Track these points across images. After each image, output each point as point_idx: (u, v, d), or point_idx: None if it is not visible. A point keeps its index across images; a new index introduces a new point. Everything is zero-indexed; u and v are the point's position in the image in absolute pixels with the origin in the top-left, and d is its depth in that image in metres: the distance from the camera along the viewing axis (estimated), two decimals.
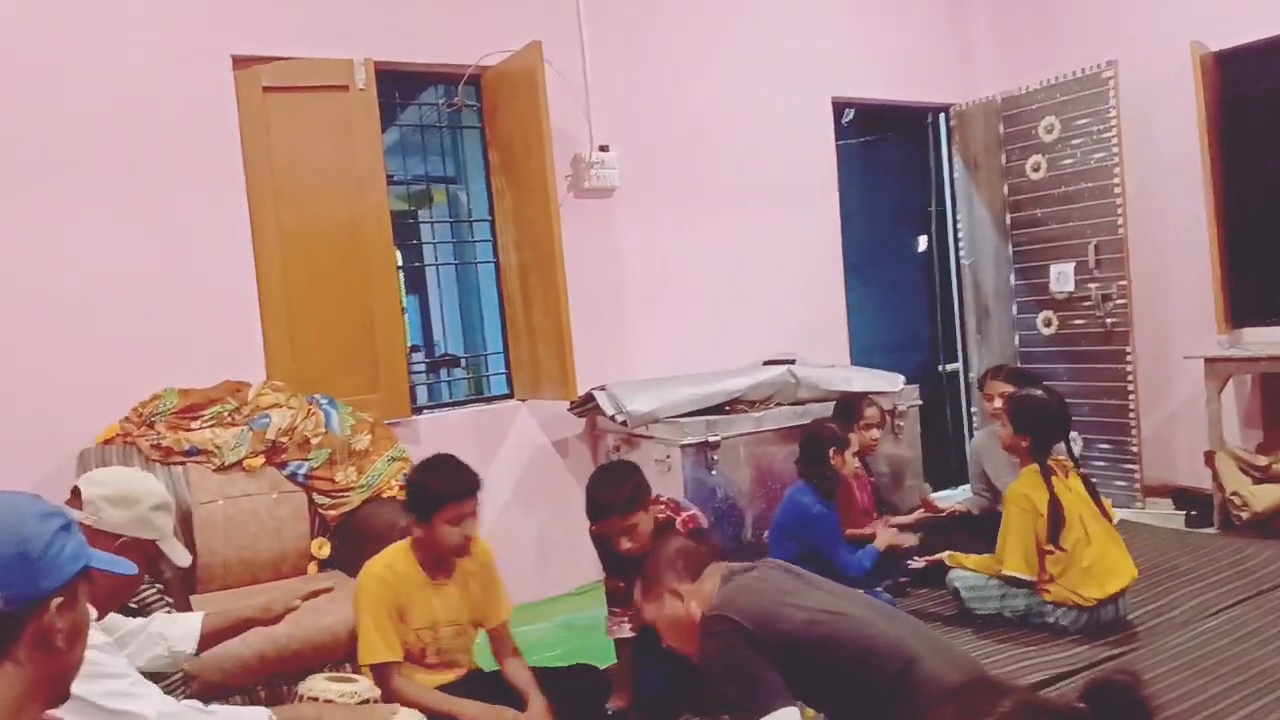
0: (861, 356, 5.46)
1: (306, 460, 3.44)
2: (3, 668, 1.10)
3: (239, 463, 3.35)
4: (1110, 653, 3.18)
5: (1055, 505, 3.34)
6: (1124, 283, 5.06)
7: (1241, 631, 3.25)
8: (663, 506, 3.02)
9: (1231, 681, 2.88)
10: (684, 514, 3.05)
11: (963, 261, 5.94)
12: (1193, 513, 4.75)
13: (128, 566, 1.41)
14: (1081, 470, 3.58)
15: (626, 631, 3.02)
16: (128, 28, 3.53)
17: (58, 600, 1.14)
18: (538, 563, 4.30)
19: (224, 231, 3.71)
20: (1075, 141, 5.20)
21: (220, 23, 3.69)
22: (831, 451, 3.64)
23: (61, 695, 1.21)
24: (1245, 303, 5.01)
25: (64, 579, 1.16)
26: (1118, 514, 4.08)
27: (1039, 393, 3.61)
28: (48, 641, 1.13)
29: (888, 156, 6.51)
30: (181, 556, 2.06)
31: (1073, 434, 5.01)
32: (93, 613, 1.39)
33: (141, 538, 1.95)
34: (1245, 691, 2.79)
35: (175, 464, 3.29)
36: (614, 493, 2.81)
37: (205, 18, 3.66)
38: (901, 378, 4.65)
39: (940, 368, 6.14)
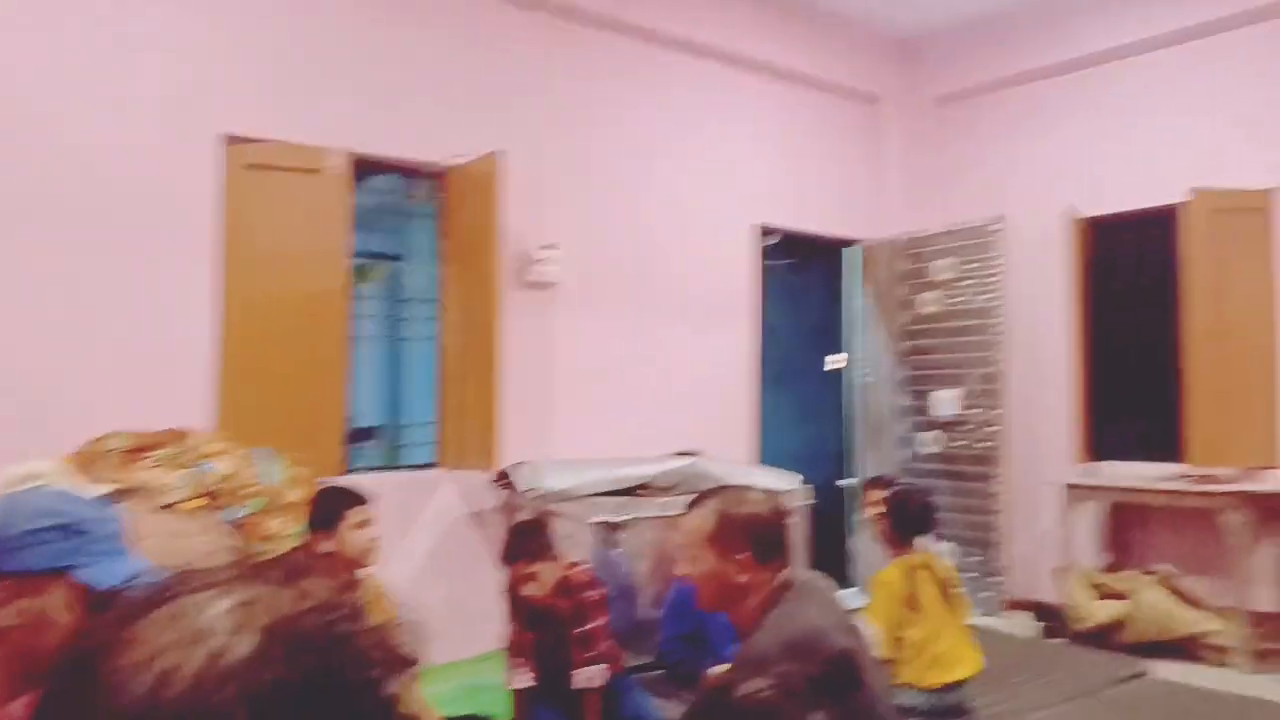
0: (774, 464, 5.88)
1: (242, 507, 3.72)
2: None
3: (178, 504, 3.62)
4: None
5: (912, 592, 3.79)
6: (999, 412, 5.66)
7: None
8: (576, 569, 3.38)
9: None
10: (598, 589, 3.42)
11: (862, 381, 6.51)
12: (1047, 624, 5.26)
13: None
14: (942, 568, 4.04)
15: (527, 680, 3.36)
16: (132, 95, 3.91)
17: (8, 581, 1.27)
18: (445, 626, 4.56)
19: (195, 292, 4.04)
20: (966, 283, 5.86)
21: (216, 102, 4.10)
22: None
23: (33, 683, 1.27)
24: (1104, 439, 5.65)
25: (23, 567, 1.28)
26: (982, 622, 4.55)
27: (903, 485, 4.13)
28: None
29: (809, 279, 7.12)
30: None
31: (948, 544, 5.53)
32: None
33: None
34: None
35: (118, 500, 3.54)
36: (524, 540, 3.24)
37: (204, 96, 4.07)
38: (799, 477, 5.11)
39: (838, 482, 6.63)
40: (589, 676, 3.35)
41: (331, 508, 2.98)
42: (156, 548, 3.55)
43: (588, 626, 3.36)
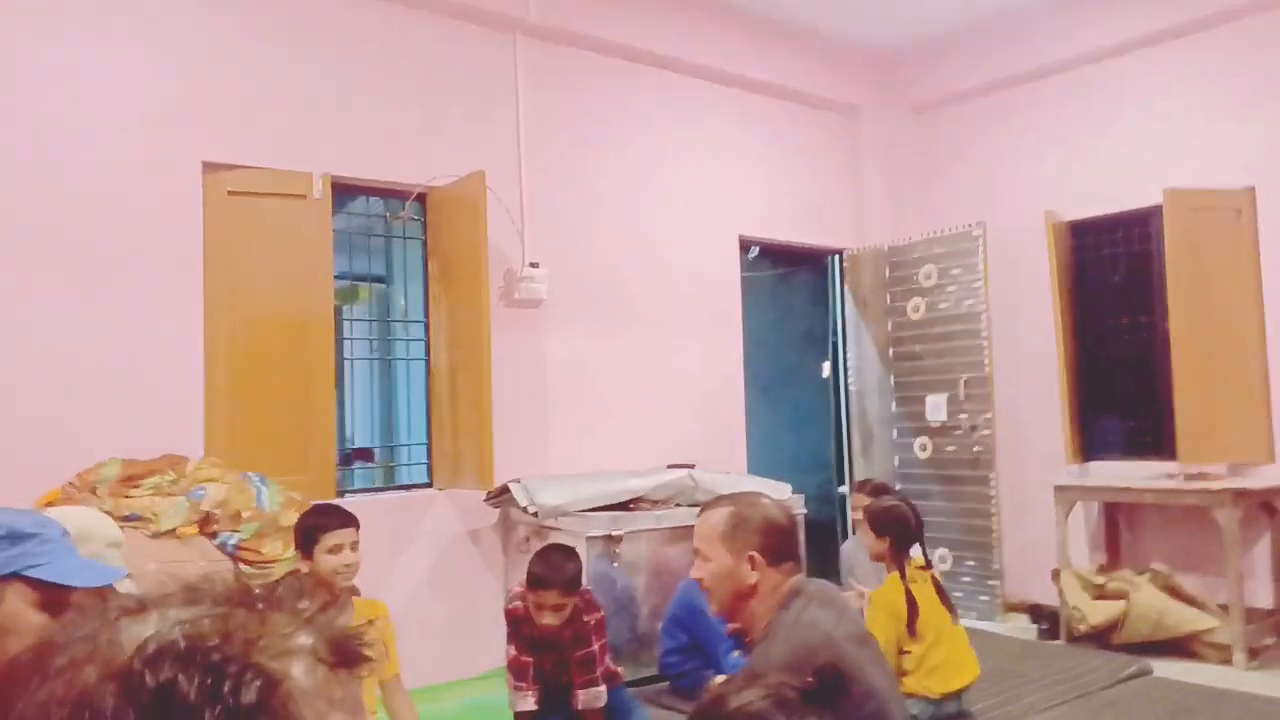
0: (767, 473, 5.91)
1: (237, 532, 3.70)
2: None
3: (173, 530, 3.60)
4: None
5: (913, 605, 3.79)
6: (989, 415, 5.69)
7: None
8: (580, 597, 3.37)
9: None
10: (597, 613, 3.43)
11: (850, 388, 6.54)
12: (1044, 626, 5.28)
13: (89, 579, 1.42)
14: (935, 576, 4.06)
15: (530, 704, 3.34)
16: (113, 122, 3.92)
17: None
18: (445, 646, 4.55)
19: (179, 319, 4.04)
20: (950, 289, 5.91)
21: (196, 130, 4.11)
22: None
23: None
24: (1092, 439, 5.69)
25: None
26: (980, 625, 4.56)
27: (893, 500, 4.12)
28: None
29: (796, 289, 7.18)
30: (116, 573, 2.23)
31: (941, 550, 5.55)
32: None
33: None
34: None
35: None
36: (560, 570, 3.22)
37: (183, 124, 4.08)
38: (788, 486, 5.12)
39: (837, 489, 6.65)
40: (591, 698, 3.36)
41: (308, 530, 2.95)
42: (152, 576, 3.53)
43: (589, 649, 3.37)
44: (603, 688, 3.38)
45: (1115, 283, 5.74)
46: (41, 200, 3.76)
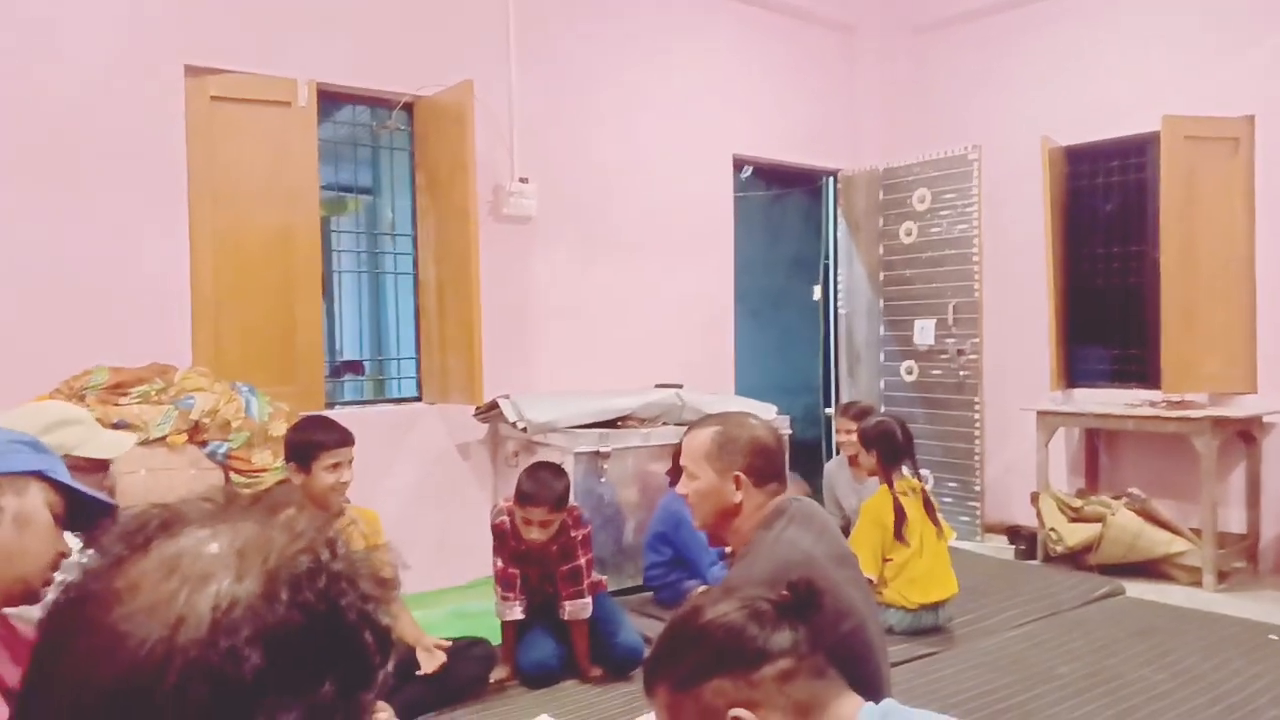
0: (755, 395, 5.94)
1: (226, 441, 3.71)
2: None
3: (162, 438, 3.61)
4: (927, 650, 3.71)
5: (900, 512, 3.88)
6: (976, 340, 5.72)
7: (1035, 641, 3.84)
8: (568, 514, 3.43)
9: (1020, 676, 3.45)
10: (584, 528, 3.51)
11: (840, 311, 6.55)
12: (1021, 547, 5.39)
13: (100, 498, 1.50)
14: (925, 492, 4.13)
15: (517, 613, 3.44)
16: (89, 27, 3.80)
17: None
18: (434, 556, 4.62)
19: (163, 227, 3.98)
20: (943, 213, 5.88)
21: (176, 33, 3.99)
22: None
23: (17, 582, 1.37)
24: (1077, 366, 5.74)
25: (6, 468, 1.36)
26: (959, 545, 4.66)
27: (883, 418, 4.20)
28: None
29: (788, 211, 7.12)
30: (105, 448, 2.22)
31: (924, 471, 5.63)
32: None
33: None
34: (1034, 688, 3.36)
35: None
36: (549, 488, 3.27)
37: (163, 26, 3.96)
38: (774, 408, 5.15)
39: (823, 411, 6.71)
40: (577, 609, 3.44)
41: (307, 445, 2.97)
42: (141, 482, 3.55)
43: (575, 564, 3.44)
44: (589, 599, 3.46)
45: (1108, 211, 5.72)
46: (22, 107, 3.67)
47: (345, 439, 3.03)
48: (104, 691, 0.50)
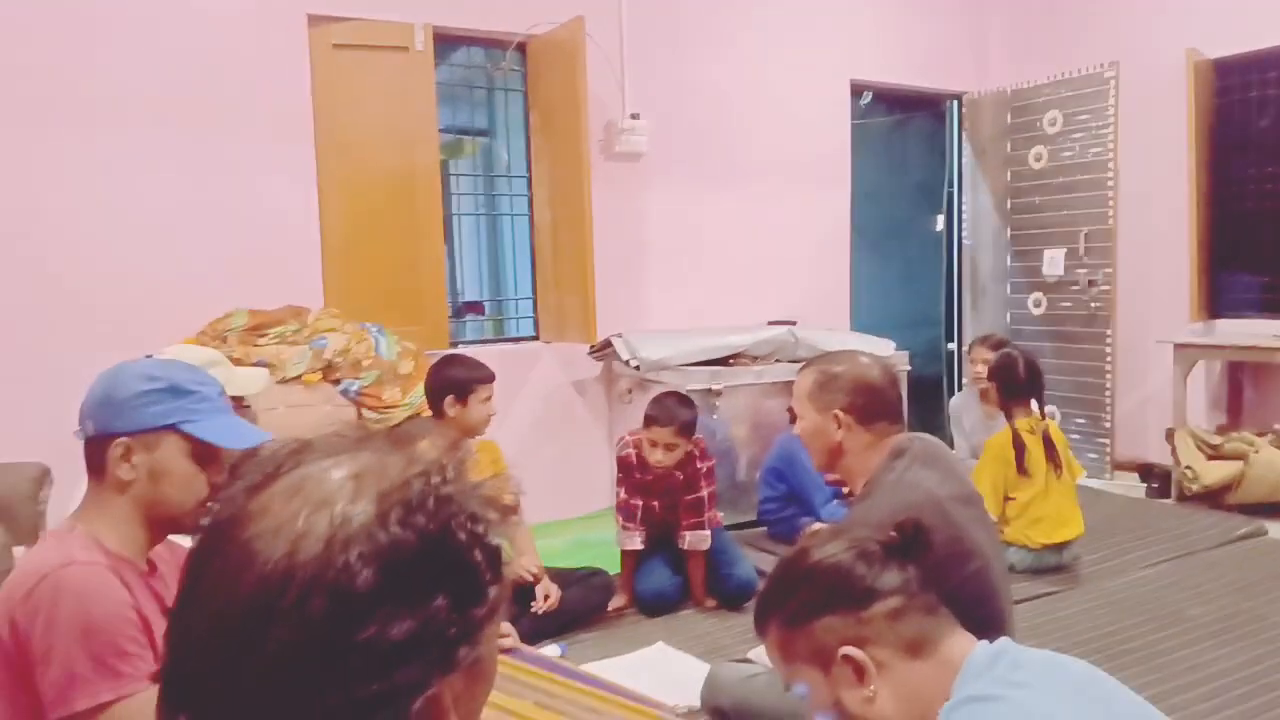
0: (874, 329, 5.81)
1: (358, 379, 3.90)
2: (106, 488, 1.44)
3: (299, 377, 3.82)
4: (1049, 589, 3.64)
5: (1020, 447, 3.79)
6: (1109, 270, 5.44)
7: (1166, 581, 3.71)
8: (694, 444, 3.53)
9: (1148, 617, 3.35)
10: (709, 460, 3.60)
11: (964, 242, 6.32)
12: (1153, 485, 5.17)
13: (235, 439, 1.48)
14: (1048, 431, 4.00)
15: (637, 543, 3.55)
16: None
17: (124, 439, 1.42)
18: (554, 488, 4.76)
19: (292, 174, 4.15)
20: (1075, 135, 5.56)
21: None
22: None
23: (168, 522, 1.47)
24: (1220, 296, 5.40)
25: (136, 426, 1.42)
26: (1087, 483, 4.52)
27: (1013, 352, 4.08)
28: (114, 473, 1.41)
29: (910, 138, 6.88)
30: (243, 385, 2.31)
31: (1050, 406, 5.47)
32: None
33: None
34: (1164, 629, 3.26)
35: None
36: (675, 413, 3.41)
37: None
38: (892, 344, 5.04)
39: (945, 345, 6.54)
40: (697, 540, 3.52)
41: (463, 382, 3.20)
42: (280, 418, 3.78)
43: (698, 494, 3.52)
44: (708, 532, 3.53)
45: (1260, 128, 5.29)
46: (152, 61, 3.86)
47: (492, 375, 3.30)
48: (238, 603, 0.55)
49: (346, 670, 0.54)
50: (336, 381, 3.89)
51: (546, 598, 3.25)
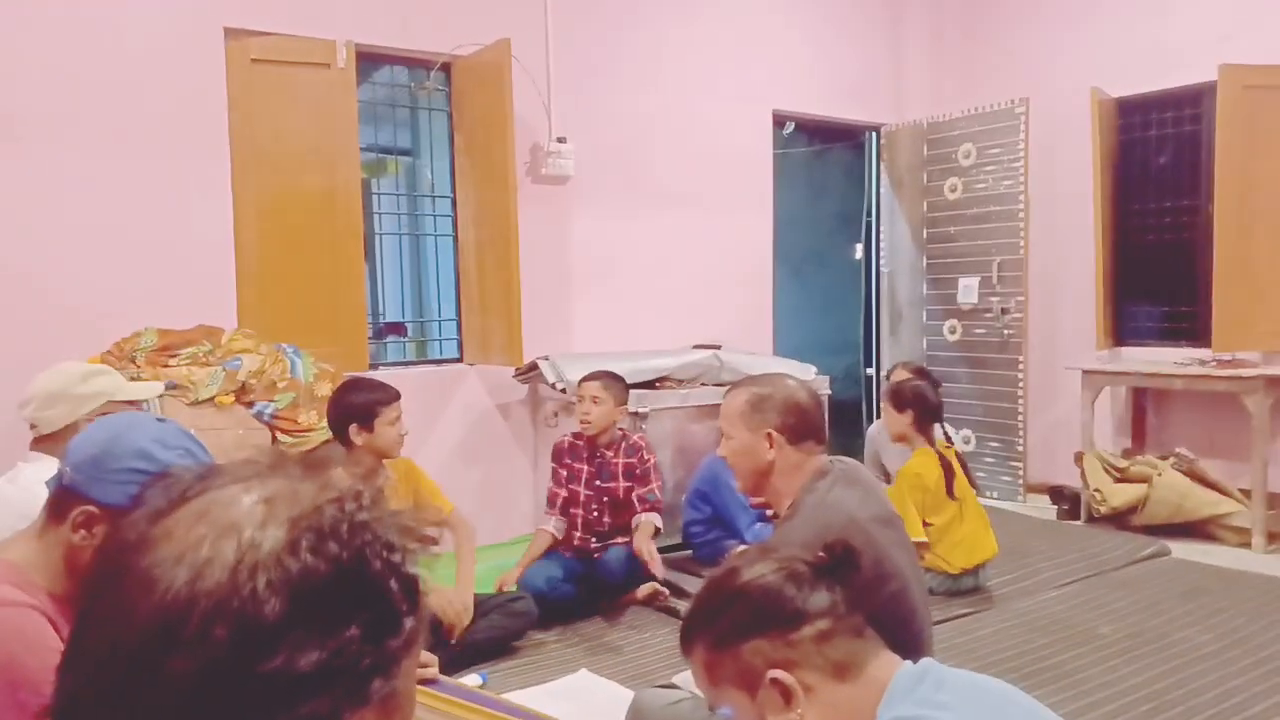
0: (795, 354, 5.89)
1: (273, 402, 3.78)
2: (57, 537, 1.37)
3: (211, 399, 3.68)
4: (966, 610, 3.70)
5: (949, 470, 3.86)
6: (1021, 298, 5.62)
7: (1077, 601, 3.81)
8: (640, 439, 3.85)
9: (1060, 636, 3.43)
10: (653, 456, 3.88)
11: (882, 270, 6.47)
12: (1064, 507, 5.34)
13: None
14: (958, 454, 4.10)
15: (550, 526, 3.82)
16: None
17: (91, 508, 1.35)
18: (477, 513, 4.66)
19: (207, 190, 4.03)
20: (988, 168, 5.75)
21: None
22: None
23: None
24: (1125, 324, 5.63)
25: (108, 500, 1.34)
26: (1000, 505, 4.63)
27: (915, 380, 4.19)
28: (69, 533, 1.35)
29: (830, 167, 7.02)
30: (144, 390, 2.32)
31: (965, 431, 5.59)
32: None
33: (99, 412, 2.21)
34: (1075, 648, 3.34)
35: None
36: (604, 370, 3.78)
37: None
38: (813, 368, 5.13)
39: (864, 371, 6.66)
40: (650, 519, 3.74)
41: (368, 405, 3.11)
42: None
43: (651, 485, 3.80)
44: (657, 514, 3.75)
45: (1160, 164, 5.56)
46: (65, 72, 3.72)
47: (396, 393, 3.22)
48: (134, 632, 0.52)
49: (250, 703, 0.51)
50: (250, 404, 3.76)
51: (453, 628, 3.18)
